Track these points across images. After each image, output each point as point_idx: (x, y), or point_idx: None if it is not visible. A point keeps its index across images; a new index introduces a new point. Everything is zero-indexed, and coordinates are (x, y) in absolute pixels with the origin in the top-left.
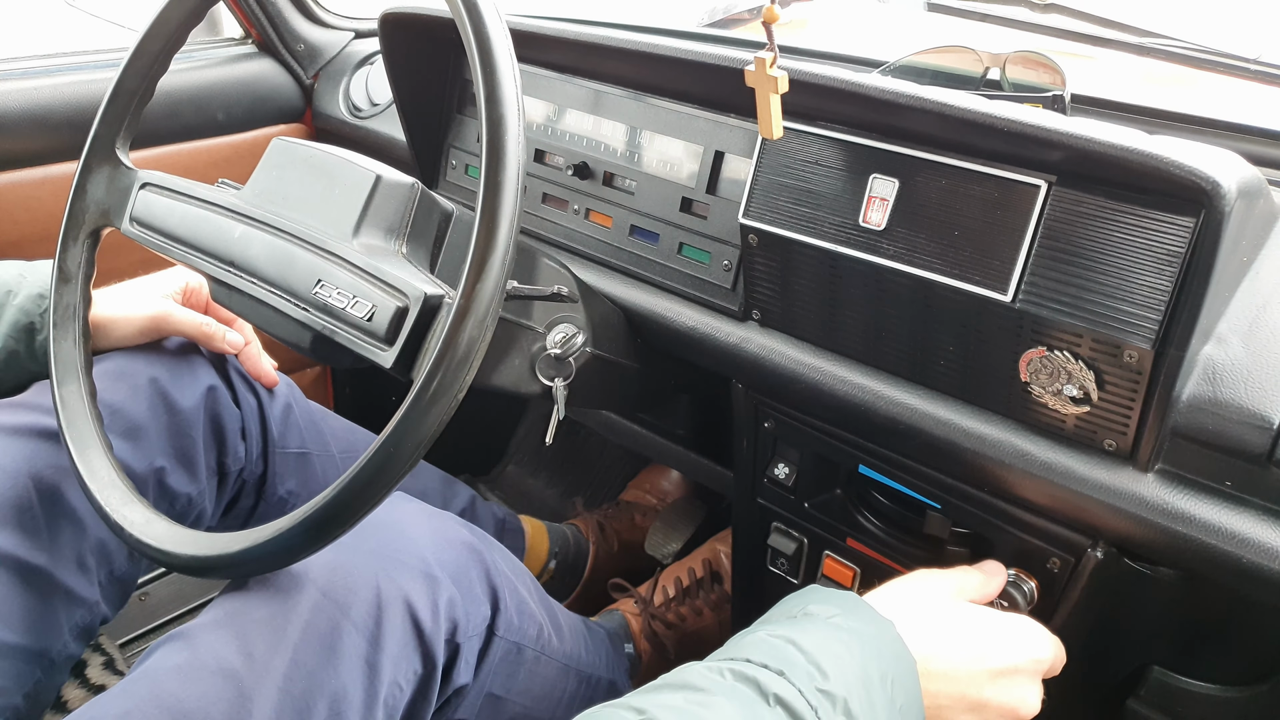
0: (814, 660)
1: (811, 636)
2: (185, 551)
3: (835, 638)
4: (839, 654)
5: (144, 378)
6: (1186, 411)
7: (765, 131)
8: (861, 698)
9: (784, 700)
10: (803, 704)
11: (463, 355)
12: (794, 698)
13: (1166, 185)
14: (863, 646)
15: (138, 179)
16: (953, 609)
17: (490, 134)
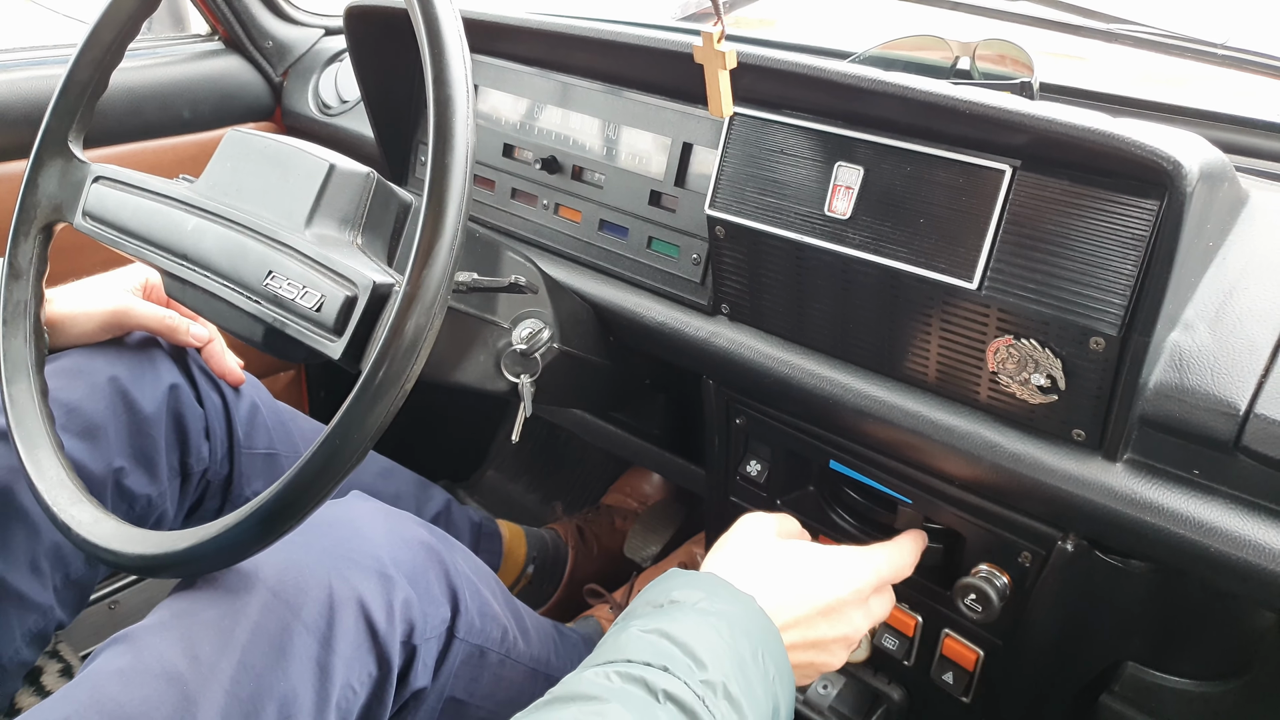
0: (690, 652)
1: (682, 625)
2: (132, 550)
3: (705, 623)
4: (711, 641)
5: (103, 376)
6: (1154, 399)
7: (715, 110)
8: (739, 679)
9: (673, 695)
10: (690, 696)
11: (409, 344)
12: (681, 691)
13: (1129, 167)
14: (731, 627)
15: (90, 172)
16: (783, 554)
17: (438, 116)
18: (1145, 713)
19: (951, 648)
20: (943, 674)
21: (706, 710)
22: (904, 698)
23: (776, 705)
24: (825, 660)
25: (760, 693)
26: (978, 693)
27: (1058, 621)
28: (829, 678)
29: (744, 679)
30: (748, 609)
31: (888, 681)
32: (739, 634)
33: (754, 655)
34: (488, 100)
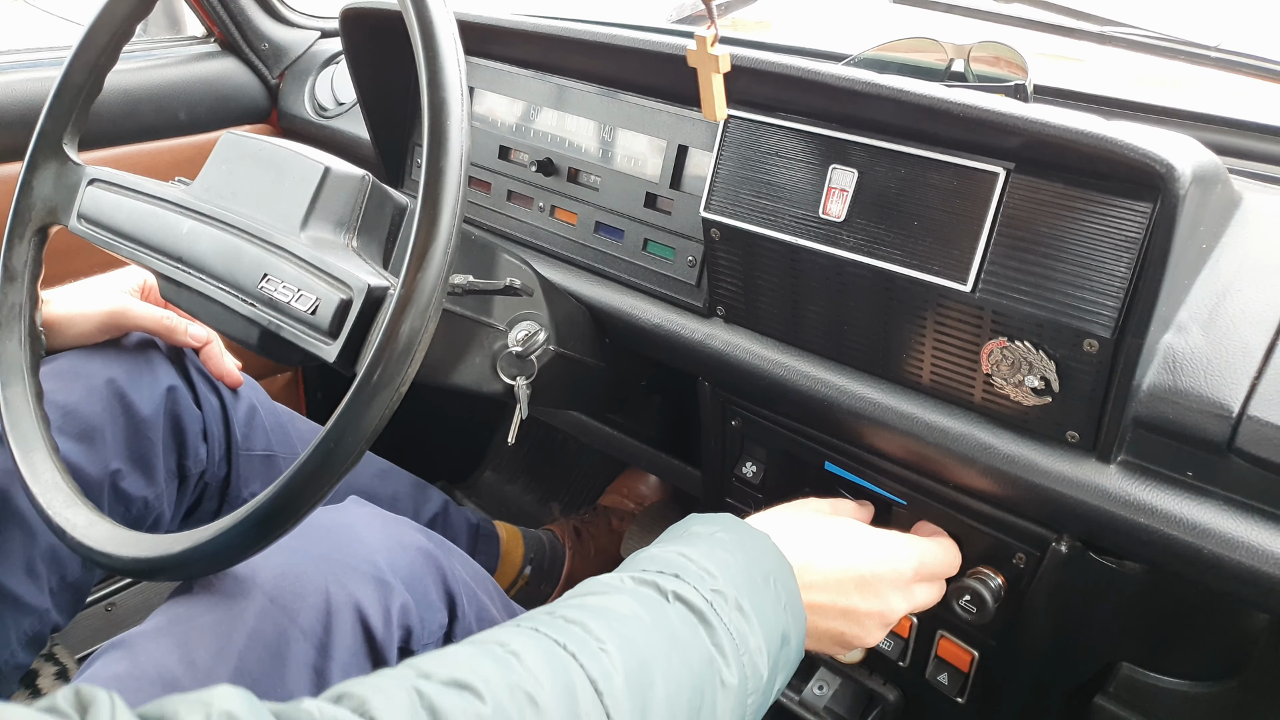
0: (703, 566)
1: (698, 548)
2: (127, 553)
3: (720, 547)
4: (725, 560)
5: (100, 378)
6: (1147, 401)
7: (708, 114)
8: (749, 596)
9: (682, 597)
10: (700, 600)
11: (404, 347)
12: (691, 594)
13: (1122, 170)
14: (745, 553)
15: (85, 175)
16: (823, 524)
17: (432, 119)
18: (1139, 713)
19: (946, 649)
20: (938, 675)
21: (715, 613)
22: (899, 699)
23: (786, 633)
24: (857, 633)
25: (770, 613)
26: (973, 694)
27: (1052, 622)
28: (825, 678)
29: (754, 597)
30: (762, 542)
31: (883, 682)
32: (752, 561)
33: (765, 579)
34: (483, 102)
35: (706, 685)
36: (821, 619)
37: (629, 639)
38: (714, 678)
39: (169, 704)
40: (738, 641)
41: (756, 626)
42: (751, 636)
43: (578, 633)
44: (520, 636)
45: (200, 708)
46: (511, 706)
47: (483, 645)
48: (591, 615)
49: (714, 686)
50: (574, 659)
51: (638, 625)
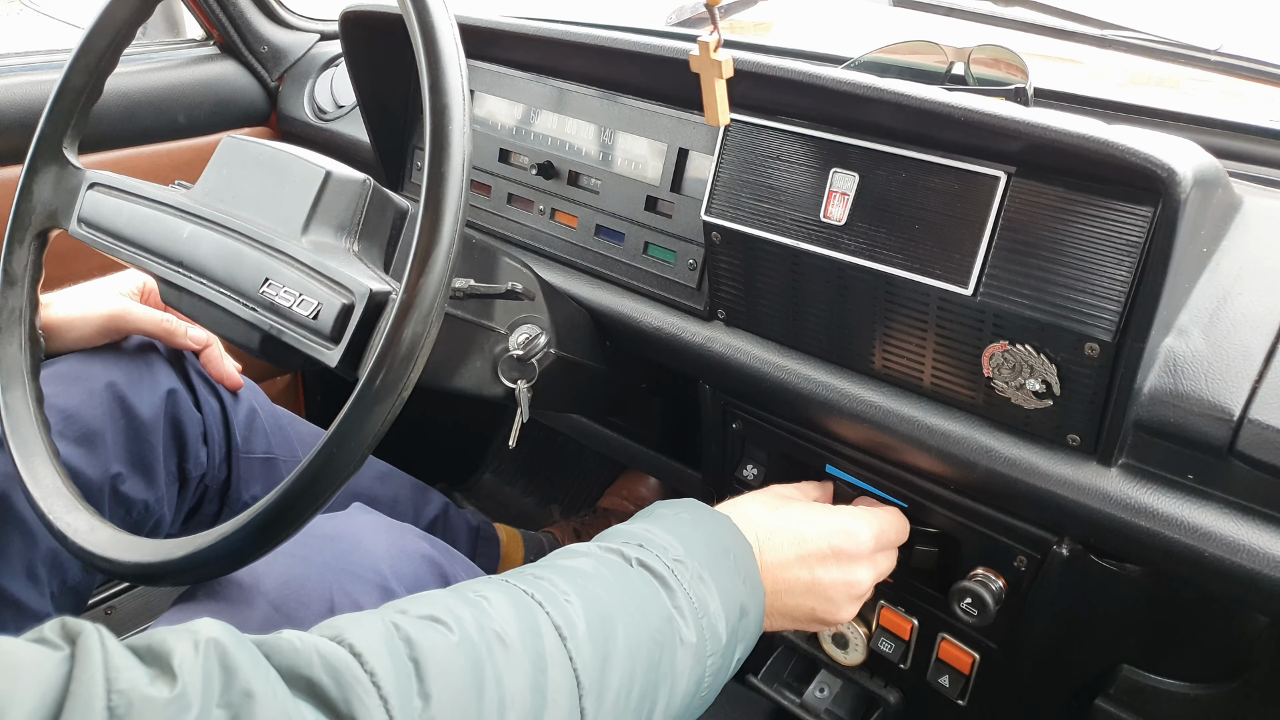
0: (666, 539)
1: (662, 524)
2: (129, 558)
3: (683, 524)
4: (687, 534)
5: (100, 382)
6: (1148, 404)
7: (711, 118)
8: (709, 567)
9: (645, 564)
10: (662, 567)
11: (406, 352)
12: (653, 561)
13: (1123, 174)
14: (706, 531)
15: (85, 179)
16: (783, 505)
17: (434, 123)
18: (1140, 716)
19: (947, 651)
20: (939, 677)
21: (675, 579)
22: (900, 701)
23: (745, 605)
24: (828, 609)
25: (729, 584)
26: (973, 696)
27: (1053, 625)
28: (826, 680)
29: (714, 568)
30: (723, 522)
31: (884, 685)
32: (713, 537)
33: (725, 553)
34: (484, 105)
35: (666, 640)
36: (789, 596)
37: (592, 593)
38: (673, 634)
39: (156, 634)
40: (697, 605)
41: (715, 594)
42: (711, 601)
43: (545, 585)
44: (490, 585)
45: (187, 635)
46: (480, 641)
47: (456, 590)
48: (558, 572)
49: (673, 642)
50: (540, 606)
51: (601, 582)
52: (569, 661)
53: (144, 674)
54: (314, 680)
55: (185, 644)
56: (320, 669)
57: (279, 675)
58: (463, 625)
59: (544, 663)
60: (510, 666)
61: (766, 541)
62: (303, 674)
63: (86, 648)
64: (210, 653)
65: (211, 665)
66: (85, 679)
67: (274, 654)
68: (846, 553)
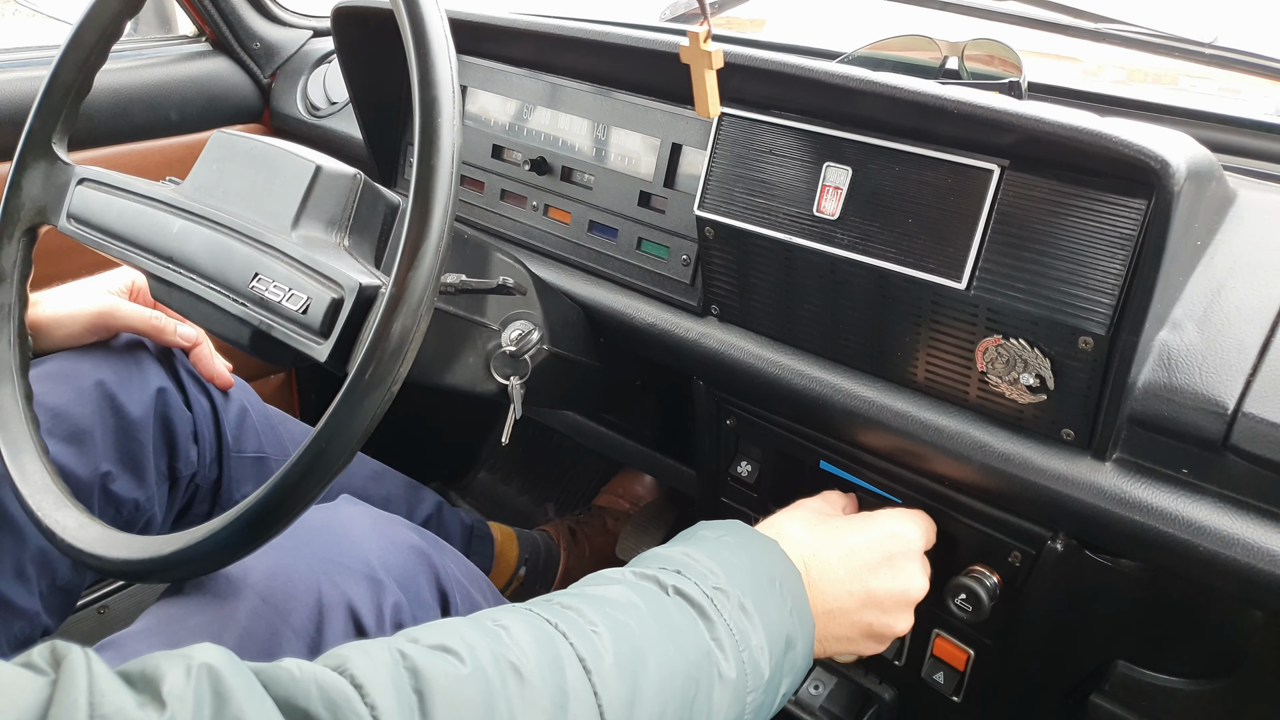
0: (706, 565)
1: (703, 547)
2: (118, 555)
3: (725, 548)
4: (729, 560)
5: (90, 380)
6: (1142, 398)
7: (701, 110)
8: (753, 596)
9: (682, 591)
10: (700, 595)
11: (396, 346)
12: (691, 590)
13: (1117, 166)
14: (750, 556)
15: (75, 174)
16: (822, 521)
17: (423, 117)
18: (1135, 712)
19: (942, 647)
20: (934, 674)
21: (715, 609)
22: (895, 698)
23: (792, 636)
24: (885, 621)
25: (775, 615)
26: (969, 692)
27: (1048, 621)
28: (820, 678)
29: (759, 598)
30: (769, 546)
31: (879, 682)
32: (757, 563)
33: (771, 581)
34: (476, 101)
35: (702, 675)
36: (842, 616)
37: (622, 624)
38: (711, 669)
39: (150, 660)
40: (738, 638)
41: (759, 625)
42: (753, 635)
43: (571, 616)
44: (512, 614)
45: (181, 660)
46: (494, 673)
47: (475, 619)
48: (586, 601)
49: (710, 678)
50: (564, 637)
51: (633, 612)
52: (594, 697)
53: (131, 699)
54: (310, 713)
55: (177, 669)
56: (318, 701)
57: (275, 705)
58: (475, 655)
59: (564, 698)
60: (526, 701)
61: (813, 559)
62: (299, 705)
63: (71, 672)
64: (203, 678)
65: (203, 691)
66: (67, 704)
67: (271, 683)
68: (899, 556)
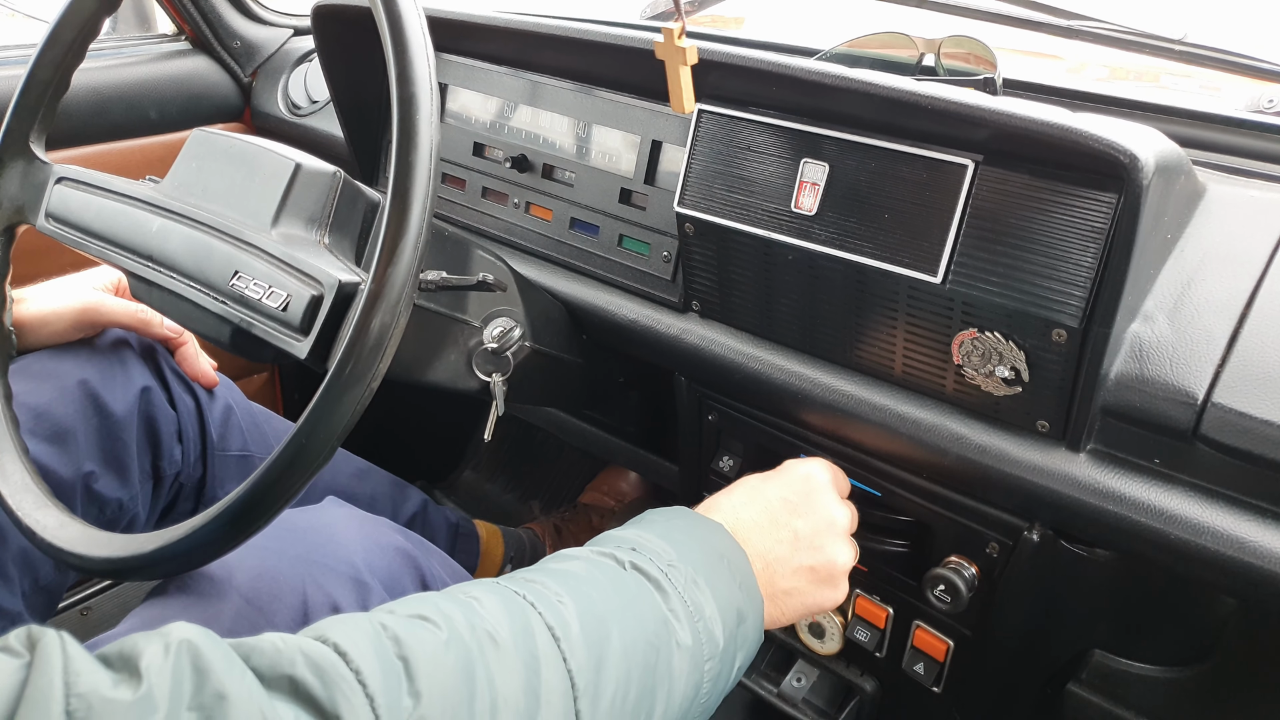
0: (659, 545)
1: (654, 529)
2: (98, 553)
3: (675, 529)
4: (680, 540)
5: (73, 379)
6: (1115, 389)
7: (676, 106)
8: (705, 573)
9: (639, 567)
10: (656, 571)
11: (375, 342)
12: (647, 565)
13: (1087, 161)
14: (699, 538)
15: (53, 173)
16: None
17: (401, 113)
18: (1112, 700)
19: (922, 639)
20: (914, 665)
21: (670, 582)
22: (876, 689)
23: (743, 610)
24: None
25: (725, 589)
26: (948, 683)
27: (1025, 611)
28: (803, 670)
29: (709, 574)
30: (716, 529)
31: (860, 673)
32: (706, 544)
33: (720, 559)
34: (457, 99)
35: (661, 643)
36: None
37: (586, 595)
38: (669, 637)
39: (128, 641)
40: (692, 609)
41: (710, 598)
42: (706, 606)
43: (536, 588)
44: (481, 587)
45: (159, 638)
46: (471, 640)
47: (447, 593)
48: (550, 575)
49: (669, 645)
50: (532, 607)
51: (594, 585)
52: (563, 662)
53: (107, 677)
54: (296, 678)
55: (155, 647)
56: (304, 667)
57: (256, 676)
58: (453, 624)
59: (537, 664)
60: (503, 666)
61: (738, 522)
62: (284, 672)
63: (46, 653)
64: (182, 654)
65: (182, 667)
66: (42, 684)
67: (254, 654)
68: (813, 493)
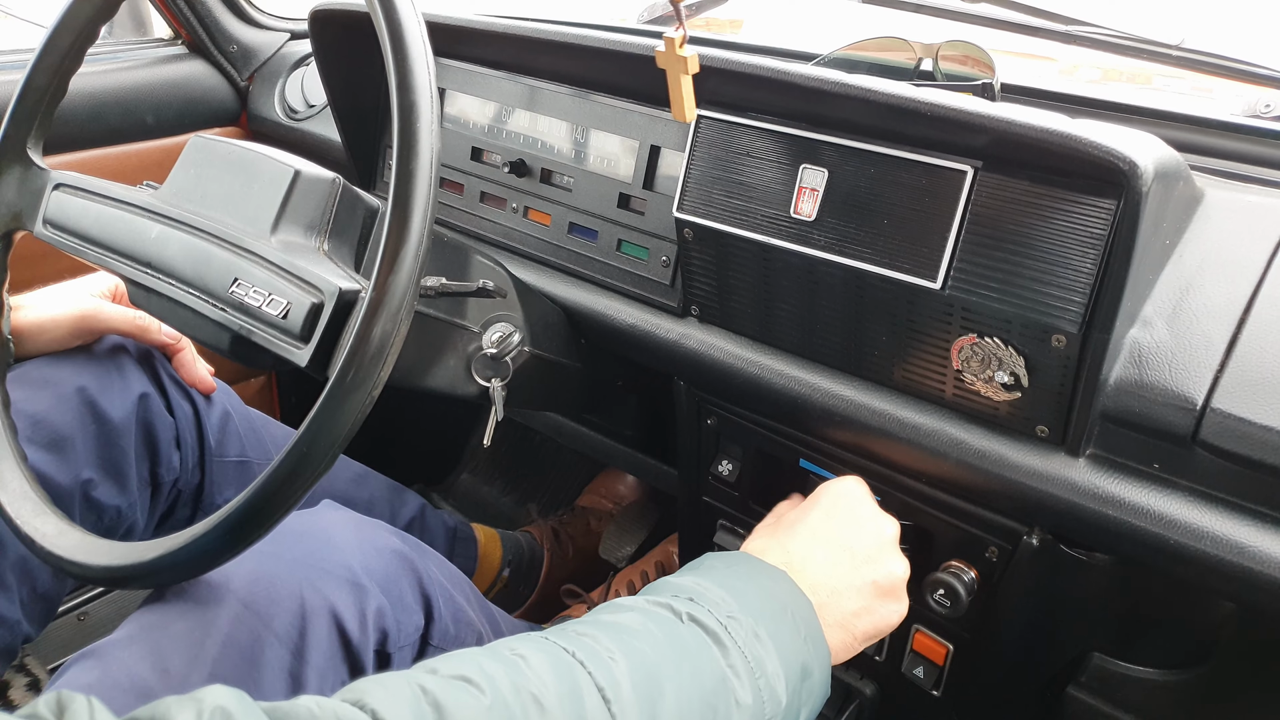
0: (719, 594)
1: (713, 577)
2: (98, 562)
3: (736, 578)
4: (740, 589)
5: (71, 386)
6: (1114, 395)
7: (678, 114)
8: (768, 624)
9: (697, 619)
10: (715, 623)
11: (376, 350)
12: (705, 617)
13: (1087, 167)
14: (760, 586)
15: (51, 180)
16: (778, 523)
17: (402, 121)
18: (1111, 703)
19: (921, 642)
20: (913, 668)
21: (729, 636)
22: (876, 692)
23: (808, 665)
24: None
25: (789, 642)
26: (948, 686)
27: (1025, 614)
28: None
29: (772, 626)
30: (778, 577)
31: (859, 677)
32: (768, 593)
33: (784, 610)
34: (455, 104)
35: (719, 702)
36: (847, 588)
37: (639, 651)
38: (728, 695)
39: (160, 705)
40: (753, 665)
41: (773, 653)
42: (769, 662)
43: (587, 643)
44: (529, 644)
45: (192, 704)
46: (515, 704)
47: (492, 649)
48: (602, 629)
49: (728, 705)
50: (581, 666)
51: (649, 639)
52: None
53: None
54: None
55: (188, 713)
56: None
57: None
58: (496, 686)
59: None
60: None
61: (791, 554)
62: None
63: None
64: None
65: None
66: None
67: (288, 718)
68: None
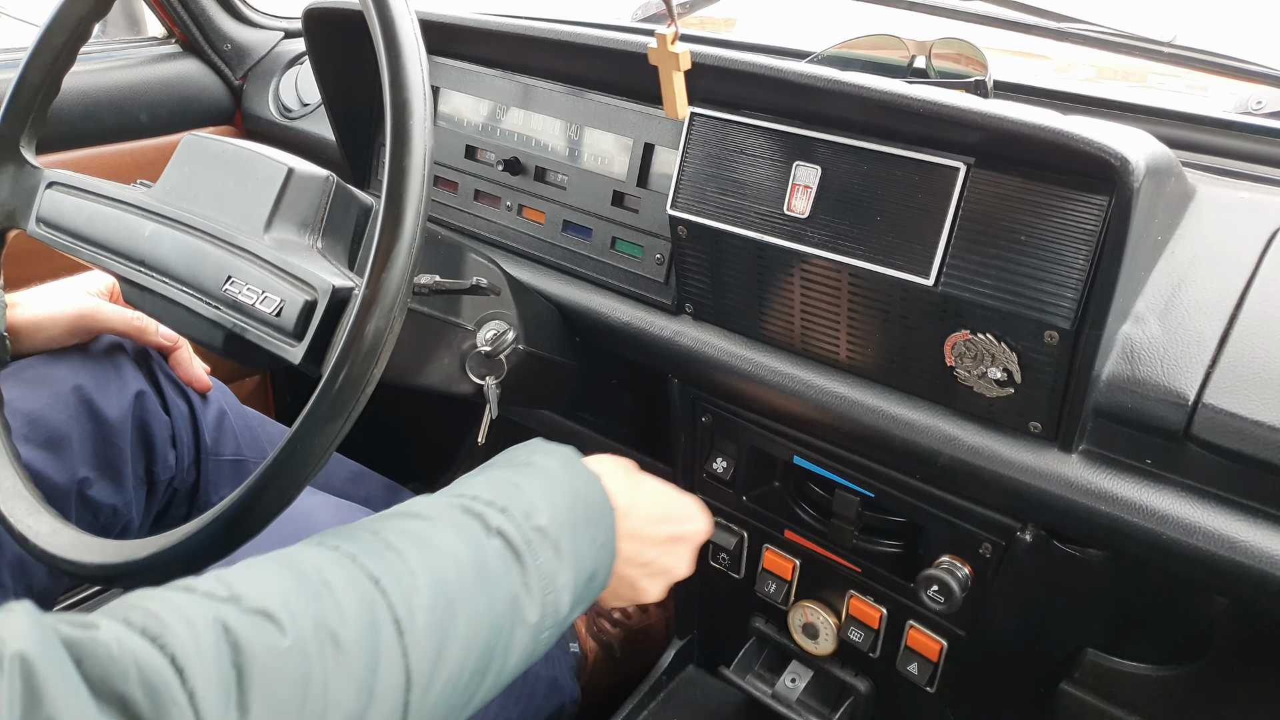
0: (532, 501)
1: (533, 482)
2: (92, 560)
3: (553, 484)
4: (554, 498)
5: (67, 385)
6: (1106, 390)
7: (670, 111)
8: (570, 535)
9: (504, 533)
10: (520, 539)
11: (369, 347)
12: (513, 533)
13: (1078, 163)
14: (574, 493)
15: (44, 178)
16: (646, 482)
17: (395, 118)
18: (1104, 699)
19: (916, 639)
20: (908, 665)
21: (531, 554)
22: (871, 689)
23: (595, 571)
24: (646, 587)
25: (585, 552)
26: (942, 682)
27: (1018, 610)
28: (797, 671)
29: (574, 539)
30: (592, 483)
31: (854, 674)
32: (579, 502)
33: (587, 521)
34: (449, 102)
35: (505, 623)
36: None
37: (442, 575)
38: (515, 615)
39: None
40: (546, 582)
41: (569, 564)
42: (560, 574)
43: (394, 562)
44: (337, 565)
45: None
46: (313, 644)
47: (297, 568)
48: (413, 544)
49: (512, 624)
50: (383, 596)
51: (454, 561)
52: (403, 658)
53: None
54: (127, 697)
55: None
56: (136, 685)
57: (89, 691)
58: (298, 625)
59: (376, 664)
60: (340, 670)
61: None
62: (116, 689)
63: None
64: (15, 674)
65: (14, 689)
66: None
67: (87, 658)
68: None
